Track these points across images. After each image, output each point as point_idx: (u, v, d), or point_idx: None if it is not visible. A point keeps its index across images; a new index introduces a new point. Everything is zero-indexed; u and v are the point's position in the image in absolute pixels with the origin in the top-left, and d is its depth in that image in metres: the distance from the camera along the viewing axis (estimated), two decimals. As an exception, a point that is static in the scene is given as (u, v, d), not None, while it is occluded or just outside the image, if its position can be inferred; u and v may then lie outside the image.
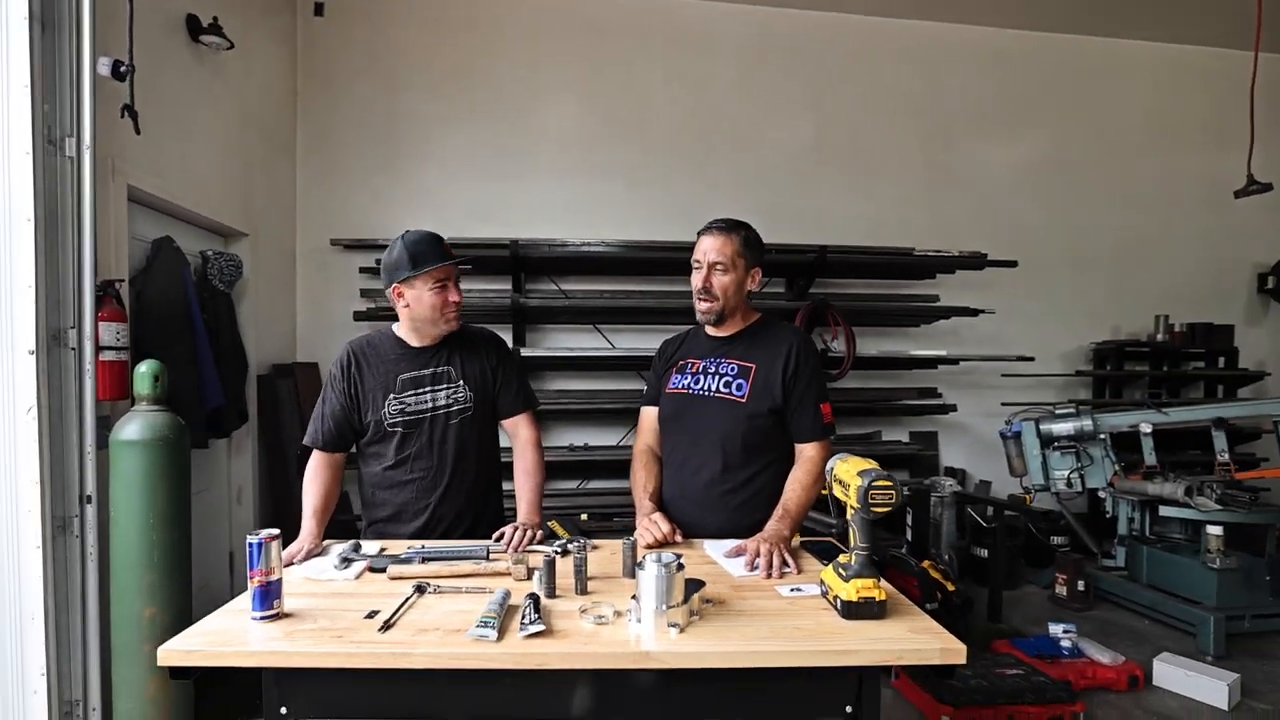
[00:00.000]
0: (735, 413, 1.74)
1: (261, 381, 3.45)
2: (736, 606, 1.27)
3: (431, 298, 1.74)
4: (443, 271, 1.74)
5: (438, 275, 1.73)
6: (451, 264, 1.75)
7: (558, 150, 4.37)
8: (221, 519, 3.26)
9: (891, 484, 1.17)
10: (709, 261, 1.74)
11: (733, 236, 1.75)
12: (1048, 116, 4.95)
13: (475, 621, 1.13)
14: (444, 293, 1.75)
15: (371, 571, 1.46)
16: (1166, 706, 2.69)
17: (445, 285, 1.75)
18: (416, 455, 1.79)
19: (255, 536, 1.18)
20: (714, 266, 1.74)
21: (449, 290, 1.76)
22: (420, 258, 1.72)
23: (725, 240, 1.74)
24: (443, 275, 1.74)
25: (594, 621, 1.18)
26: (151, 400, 2.14)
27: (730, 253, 1.74)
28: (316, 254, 4.09)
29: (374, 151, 4.18)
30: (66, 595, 2.03)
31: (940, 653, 1.11)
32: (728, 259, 1.73)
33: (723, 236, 1.75)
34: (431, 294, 1.74)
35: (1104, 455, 3.95)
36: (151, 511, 2.06)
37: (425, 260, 1.72)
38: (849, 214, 4.65)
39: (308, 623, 1.18)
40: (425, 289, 1.73)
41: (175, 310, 2.63)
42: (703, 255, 1.76)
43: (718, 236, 1.75)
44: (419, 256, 1.72)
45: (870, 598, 1.21)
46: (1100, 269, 5.03)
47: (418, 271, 1.71)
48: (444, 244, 1.77)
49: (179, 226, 2.93)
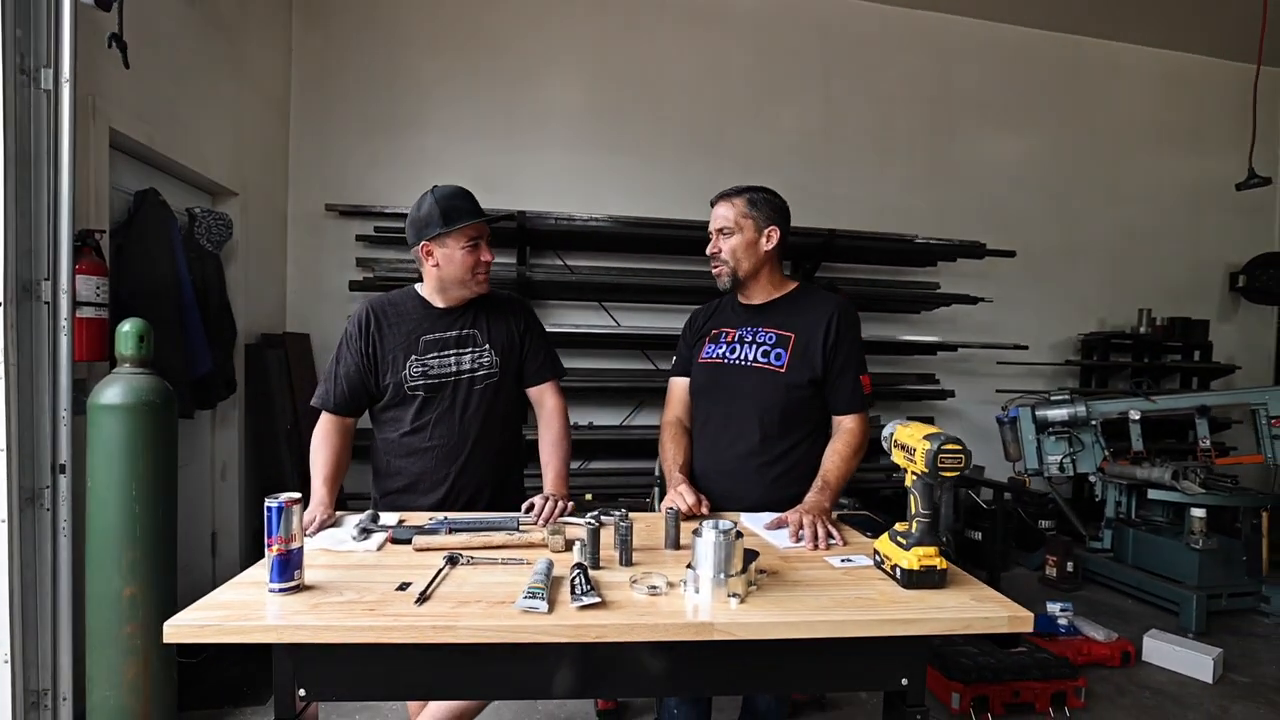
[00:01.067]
0: (774, 383, 1.67)
1: (250, 351, 3.27)
2: (791, 577, 1.20)
3: (463, 257, 1.63)
4: (476, 229, 1.63)
5: (470, 233, 1.62)
6: (485, 221, 1.65)
7: (566, 120, 4.22)
8: (204, 496, 3.10)
9: (961, 448, 1.11)
10: (714, 229, 1.73)
11: (736, 200, 1.71)
12: (1048, 113, 5.01)
13: (522, 592, 1.04)
14: (476, 252, 1.64)
15: (394, 543, 1.35)
16: (1156, 680, 2.75)
17: (478, 244, 1.64)
18: (437, 421, 1.68)
19: (275, 500, 1.08)
20: (719, 232, 1.72)
21: (481, 250, 1.65)
22: (453, 213, 1.61)
23: (728, 205, 1.71)
24: (475, 233, 1.63)
25: (647, 592, 1.10)
26: (136, 362, 1.98)
27: (734, 215, 1.69)
28: (310, 219, 3.89)
29: (372, 111, 3.97)
30: (35, 573, 1.88)
31: (1009, 620, 1.06)
32: (731, 222, 1.70)
33: (725, 202, 1.72)
34: (464, 253, 1.63)
35: (1094, 441, 4.01)
36: (134, 483, 1.90)
37: (458, 216, 1.61)
38: (855, 199, 4.63)
39: (333, 595, 1.08)
40: (457, 247, 1.62)
41: (161, 268, 2.45)
42: (712, 223, 1.73)
43: (721, 204, 1.73)
44: (451, 212, 1.61)
45: (932, 566, 1.15)
46: (1091, 262, 5.13)
47: (450, 228, 1.60)
48: (476, 200, 1.66)
49: (165, 180, 2.75)
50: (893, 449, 1.24)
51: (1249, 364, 5.36)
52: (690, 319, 1.92)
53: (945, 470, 1.11)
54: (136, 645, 1.92)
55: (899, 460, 1.22)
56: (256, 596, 1.07)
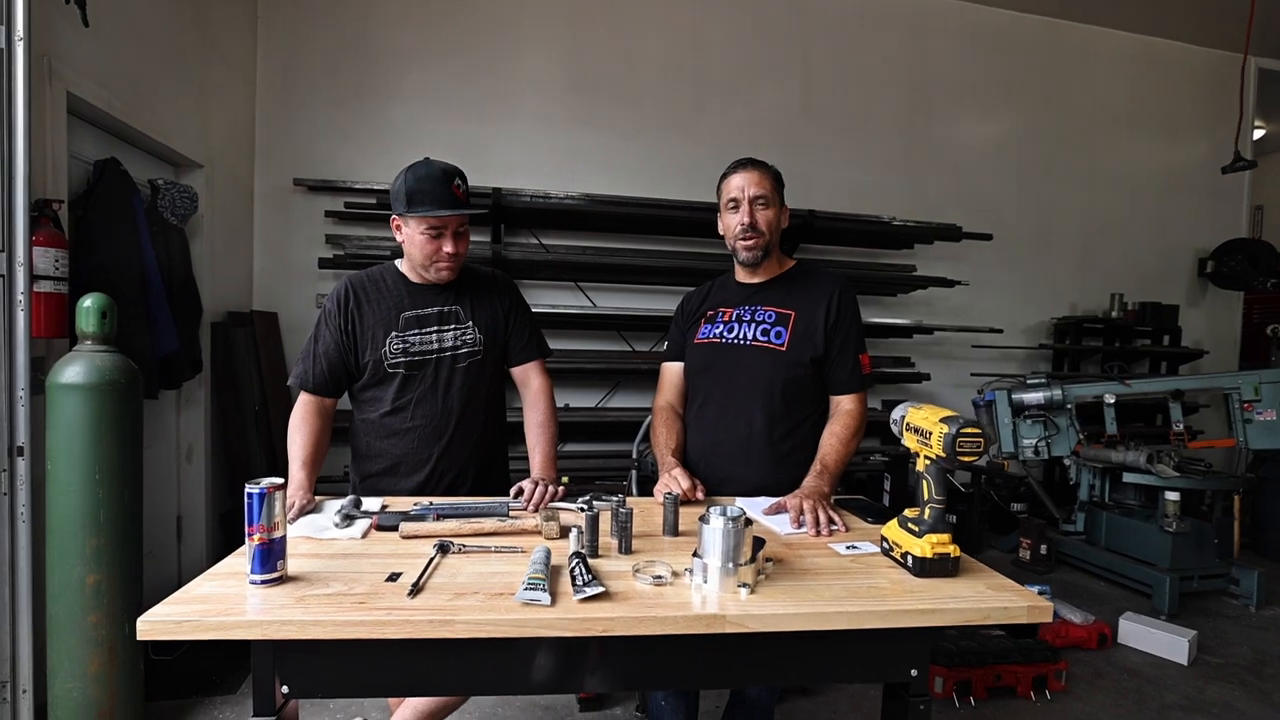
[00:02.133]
0: (775, 362, 1.62)
1: (216, 330, 3.13)
2: (797, 565, 1.17)
3: (422, 244, 1.55)
4: (438, 219, 1.53)
5: (430, 222, 1.53)
6: (449, 213, 1.53)
7: (541, 95, 4.09)
8: (168, 479, 2.97)
9: (980, 431, 1.08)
10: (750, 196, 1.61)
11: (768, 172, 1.65)
12: (1024, 96, 5.01)
13: (522, 583, 0.99)
14: (436, 242, 1.55)
15: (379, 530, 1.28)
16: (1132, 662, 2.80)
17: (440, 234, 1.54)
18: (419, 400, 1.61)
19: (256, 486, 1.00)
20: (755, 201, 1.62)
21: (444, 240, 1.55)
22: (416, 198, 1.52)
23: (762, 175, 1.63)
24: (437, 223, 1.53)
25: (652, 582, 1.05)
26: (98, 339, 1.87)
27: (769, 186, 1.63)
28: (278, 194, 3.72)
29: (342, 83, 3.80)
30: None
31: (1027, 611, 1.03)
32: (768, 192, 1.62)
33: (758, 171, 1.64)
34: (423, 240, 1.55)
35: (1069, 424, 4.05)
36: (97, 466, 1.80)
37: (419, 203, 1.52)
38: (832, 180, 4.59)
39: (319, 587, 1.01)
40: (417, 231, 1.55)
41: (123, 242, 2.31)
42: (740, 191, 1.62)
43: (753, 171, 1.63)
44: (415, 196, 1.52)
45: (946, 554, 1.13)
46: (1064, 247, 5.18)
47: (410, 213, 1.53)
48: (453, 185, 1.54)
49: (127, 150, 2.59)
50: (904, 432, 1.21)
51: (1216, 348, 5.49)
52: (682, 303, 1.86)
53: (964, 454, 1.07)
54: (101, 635, 1.83)
55: (911, 444, 1.19)
56: (236, 589, 1.00)
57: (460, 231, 1.58)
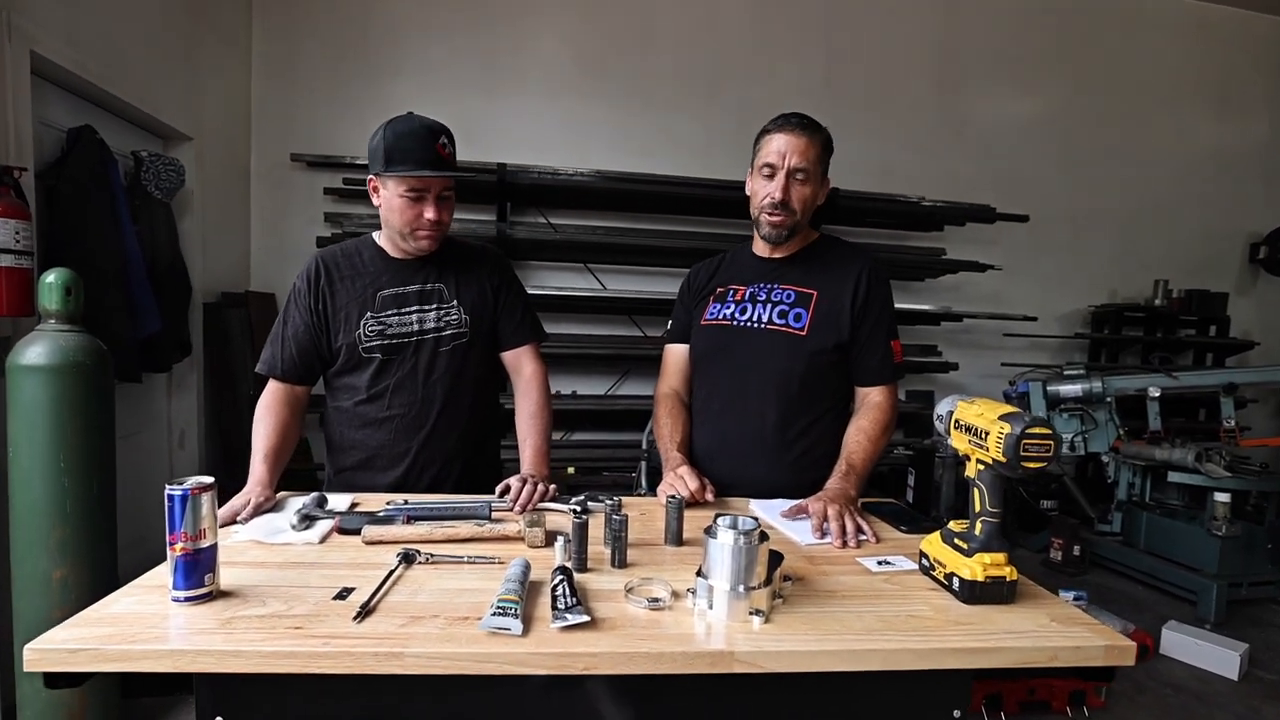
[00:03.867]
0: (794, 348, 1.44)
1: (209, 310, 3.02)
2: (822, 585, 0.99)
3: (401, 208, 1.38)
4: (418, 180, 1.36)
5: (410, 183, 1.36)
6: (432, 174, 1.36)
7: (551, 67, 3.90)
8: (160, 465, 2.86)
9: (1050, 432, 0.89)
10: (790, 166, 1.39)
11: (816, 138, 1.41)
12: (1064, 68, 4.68)
13: (490, 606, 0.82)
14: (417, 206, 1.38)
15: (341, 533, 1.13)
16: (1177, 676, 2.59)
17: (422, 198, 1.38)
18: (397, 387, 1.45)
19: (178, 486, 0.85)
20: (795, 174, 1.39)
21: (425, 205, 1.38)
22: (395, 156, 1.35)
23: (809, 141, 1.39)
24: (418, 184, 1.36)
25: (647, 605, 0.89)
26: (63, 318, 1.73)
27: (813, 158, 1.40)
28: (274, 170, 3.59)
29: (342, 55, 3.65)
30: (-48, 553, 1.67)
31: (1104, 651, 0.84)
32: (810, 165, 1.40)
33: (806, 136, 1.39)
34: (401, 203, 1.38)
35: (1108, 419, 3.84)
36: (62, 453, 1.67)
37: (399, 162, 1.35)
38: (857, 159, 4.30)
39: (253, 606, 0.85)
40: (396, 194, 1.37)
41: (99, 215, 2.20)
42: (779, 157, 1.39)
43: (800, 135, 1.39)
44: (394, 154, 1.35)
45: (1000, 578, 0.94)
46: (1104, 230, 4.87)
47: (387, 172, 1.36)
48: (438, 144, 1.37)
49: (106, 118, 2.46)
50: (950, 430, 1.02)
51: (1267, 340, 5.15)
52: (689, 276, 1.67)
53: (1030, 460, 0.88)
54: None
55: (960, 445, 1.00)
56: (156, 607, 0.85)
57: (445, 196, 1.41)
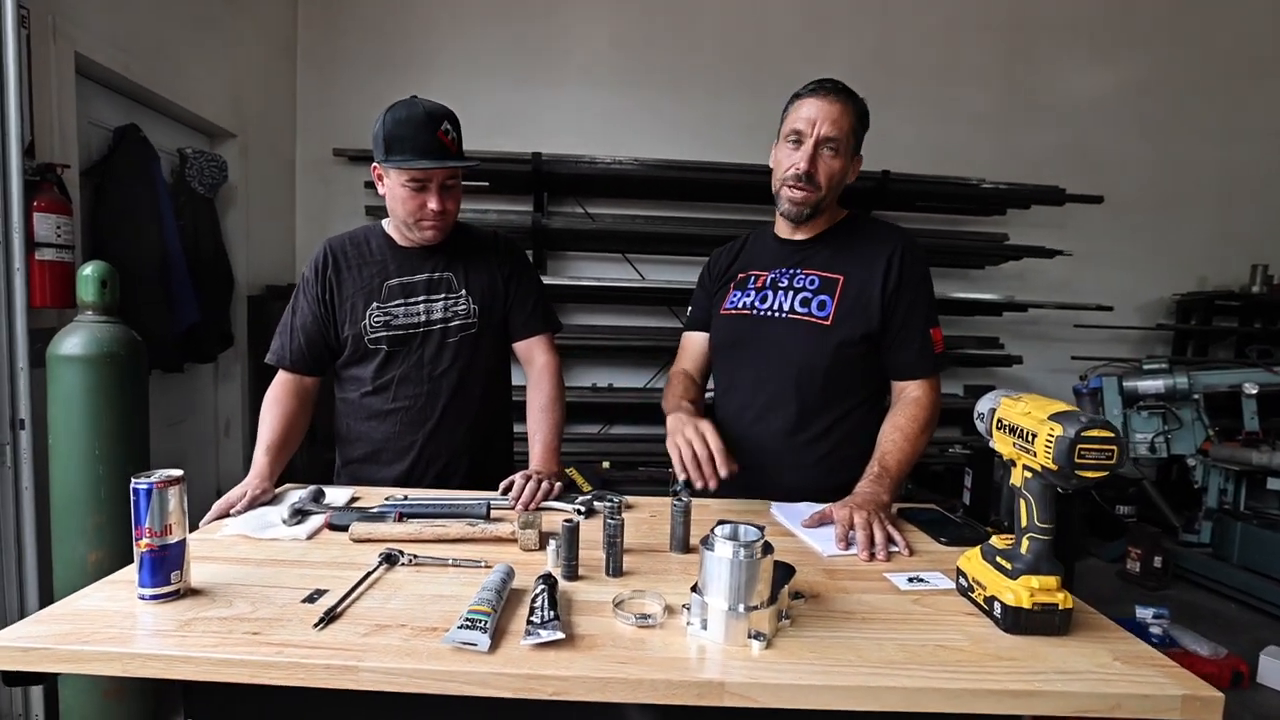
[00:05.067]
0: (818, 339, 1.31)
1: (253, 303, 3.09)
2: (838, 604, 0.88)
3: (403, 199, 1.33)
4: (421, 172, 1.31)
5: (411, 173, 1.31)
6: (432, 165, 1.30)
7: (589, 54, 3.84)
8: (206, 453, 2.96)
9: (1112, 435, 0.75)
10: (819, 135, 1.26)
11: (851, 107, 1.28)
12: (1150, 35, 4.26)
13: (458, 618, 0.75)
14: (419, 197, 1.32)
15: (330, 529, 1.08)
16: (1275, 708, 2.31)
17: (424, 188, 1.32)
18: (402, 379, 1.41)
19: (144, 480, 0.81)
20: (824, 144, 1.27)
21: (428, 195, 1.32)
22: (395, 145, 1.30)
23: (843, 109, 1.27)
24: (419, 174, 1.31)
25: (635, 623, 0.80)
26: (99, 309, 1.76)
27: (846, 129, 1.27)
28: (319, 165, 3.67)
29: (383, 49, 3.69)
30: (0, 533, 1.73)
31: (1182, 702, 0.71)
32: (842, 136, 1.27)
33: (840, 103, 1.27)
34: (403, 193, 1.32)
35: (1195, 418, 3.51)
36: (97, 441, 1.71)
37: (398, 151, 1.30)
38: (911, 139, 4.08)
39: (218, 607, 0.81)
40: (398, 183, 1.32)
41: (141, 211, 2.26)
42: (808, 124, 1.27)
43: (833, 102, 1.26)
44: (393, 142, 1.30)
45: (1052, 605, 0.81)
46: (1193, 211, 4.43)
47: (389, 162, 1.31)
48: (439, 131, 1.31)
49: (152, 117, 2.53)
50: (992, 430, 0.89)
51: (1383, 333, 4.63)
52: (709, 261, 1.56)
53: (1087, 469, 0.75)
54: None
55: (1003, 448, 0.87)
56: (123, 605, 0.81)
57: (449, 185, 1.35)
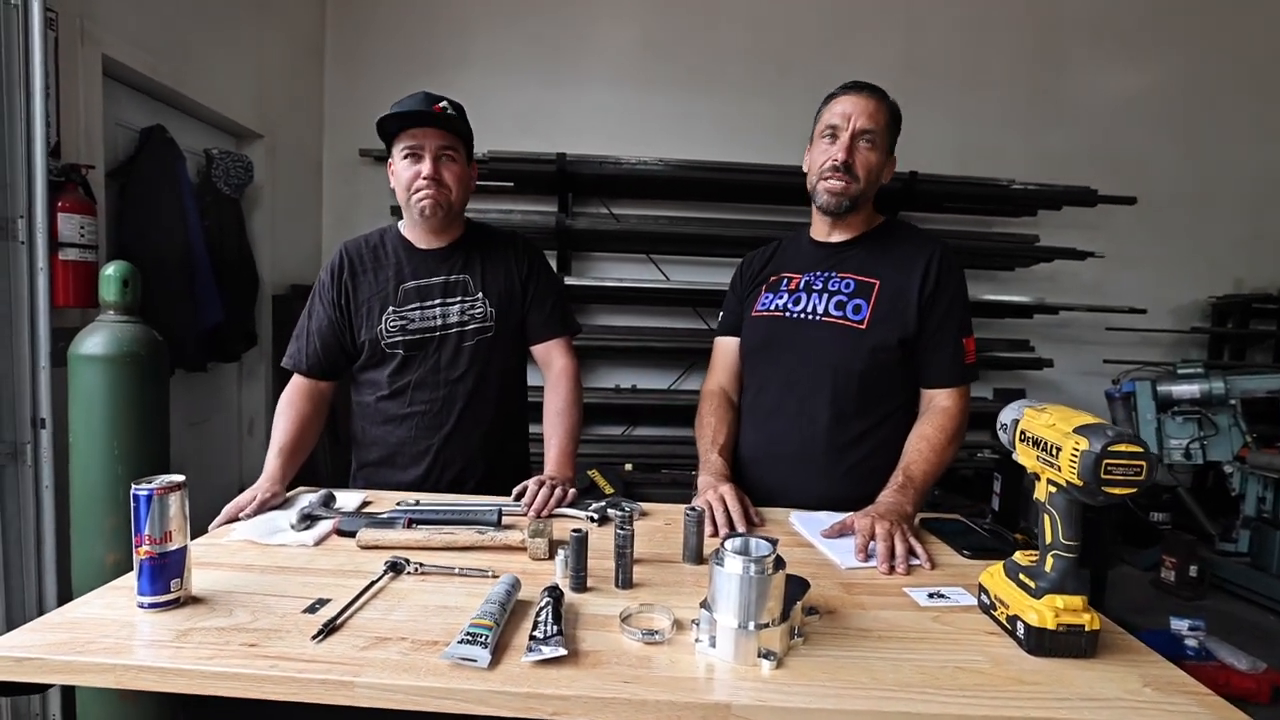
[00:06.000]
0: (853, 344, 1.28)
1: (278, 303, 3.12)
2: (854, 620, 0.84)
3: (400, 172, 1.34)
4: (411, 135, 1.31)
5: (405, 140, 1.31)
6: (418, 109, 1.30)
7: (615, 53, 3.83)
8: (230, 451, 2.99)
9: (1141, 450, 0.71)
10: (856, 128, 1.28)
11: (885, 105, 1.31)
12: (1183, 33, 4.14)
13: (460, 631, 0.73)
14: (415, 166, 1.32)
15: (340, 535, 1.07)
16: (1316, 725, 2.21)
17: (418, 155, 1.32)
18: (418, 384, 1.40)
19: (144, 486, 0.80)
20: (861, 136, 1.28)
21: (422, 162, 1.32)
22: (392, 122, 1.31)
23: (878, 105, 1.29)
24: (411, 140, 1.31)
25: (642, 639, 0.77)
26: (120, 309, 1.76)
27: (883, 123, 1.29)
28: (345, 166, 3.70)
29: (409, 50, 3.71)
30: (19, 533, 1.76)
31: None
32: (879, 130, 1.28)
33: (874, 100, 1.29)
34: (401, 167, 1.34)
35: (1232, 424, 3.40)
36: (116, 441, 1.71)
37: (394, 123, 1.31)
38: (939, 140, 4.00)
39: (218, 616, 0.80)
40: (399, 158, 1.34)
41: (166, 211, 2.28)
42: (844, 119, 1.29)
43: (868, 99, 1.29)
44: (390, 121, 1.31)
45: (1078, 626, 0.77)
46: (1230, 212, 4.29)
47: (389, 134, 1.33)
48: (437, 104, 1.32)
49: (179, 118, 2.57)
50: (1015, 442, 0.85)
51: None
52: (742, 264, 1.53)
53: (1114, 485, 0.71)
54: (119, 613, 1.79)
55: (1026, 461, 0.83)
56: (122, 613, 0.80)
57: (445, 156, 1.34)
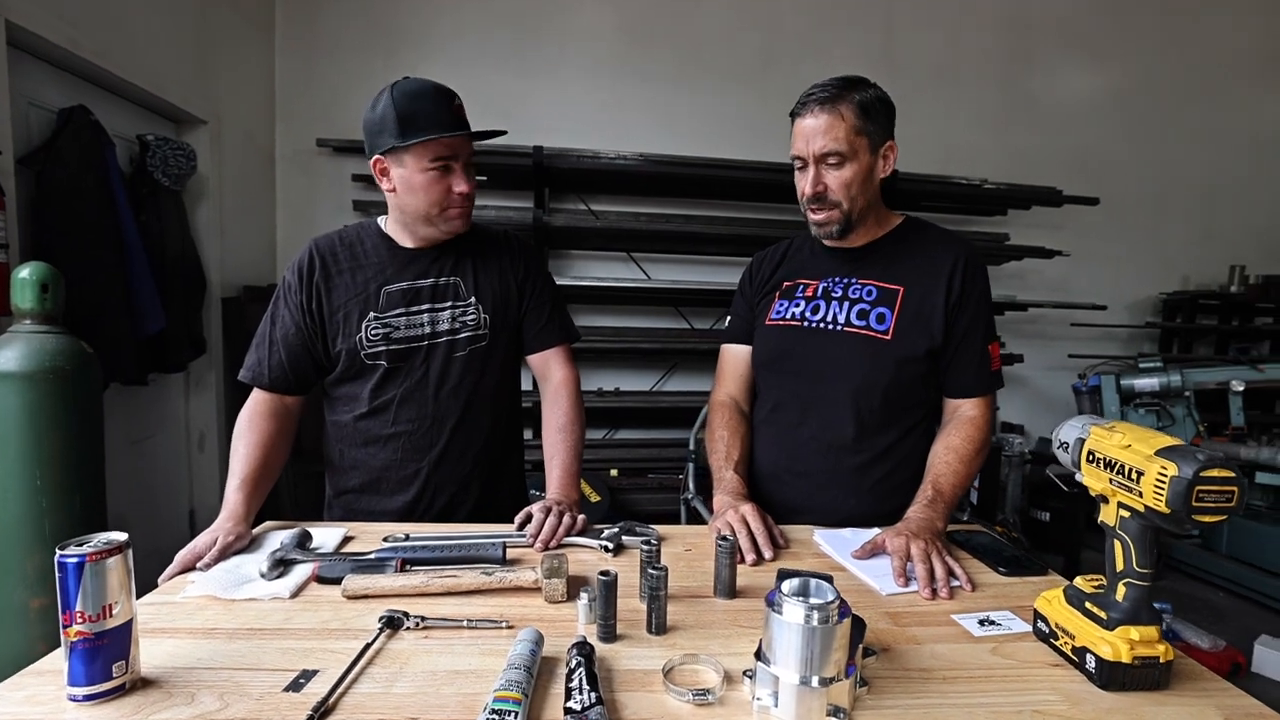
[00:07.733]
0: (877, 355, 1.21)
1: (228, 305, 2.89)
2: (912, 659, 0.76)
3: (427, 184, 1.17)
4: (446, 145, 1.15)
5: (436, 150, 1.15)
6: (462, 135, 1.16)
7: (591, 43, 3.70)
8: (179, 470, 2.76)
9: (1234, 475, 0.65)
10: (815, 153, 1.16)
11: (843, 108, 1.16)
12: (1141, 40, 4.31)
13: (483, 709, 0.62)
14: (445, 179, 1.17)
15: (320, 582, 0.93)
16: (1272, 697, 2.25)
17: (449, 168, 1.17)
18: (404, 400, 1.24)
19: (73, 551, 0.64)
20: (824, 160, 1.17)
21: (454, 176, 1.18)
22: (412, 121, 1.14)
23: (832, 118, 1.15)
24: (445, 151, 1.16)
25: (692, 699, 0.67)
26: (39, 317, 1.53)
27: (844, 133, 1.15)
28: (301, 156, 3.46)
29: (370, 31, 3.50)
30: (-80, 580, 1.53)
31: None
32: (843, 143, 1.15)
33: (827, 114, 1.15)
34: (427, 179, 1.16)
35: (1187, 414, 3.56)
36: (38, 470, 1.49)
37: (419, 126, 1.14)
38: (916, 138, 3.95)
39: (176, 704, 0.65)
40: (418, 170, 1.16)
41: (92, 204, 2.05)
42: (803, 147, 1.18)
43: (820, 114, 1.16)
44: (410, 119, 1.14)
45: (1152, 659, 0.72)
46: (1179, 213, 4.49)
47: (407, 142, 1.14)
48: (455, 103, 1.18)
49: (105, 98, 2.32)
50: (1082, 463, 0.78)
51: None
52: (750, 267, 1.44)
53: (1204, 514, 0.65)
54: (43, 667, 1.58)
55: (1095, 484, 0.76)
56: (48, 709, 0.63)
57: (471, 164, 1.21)
